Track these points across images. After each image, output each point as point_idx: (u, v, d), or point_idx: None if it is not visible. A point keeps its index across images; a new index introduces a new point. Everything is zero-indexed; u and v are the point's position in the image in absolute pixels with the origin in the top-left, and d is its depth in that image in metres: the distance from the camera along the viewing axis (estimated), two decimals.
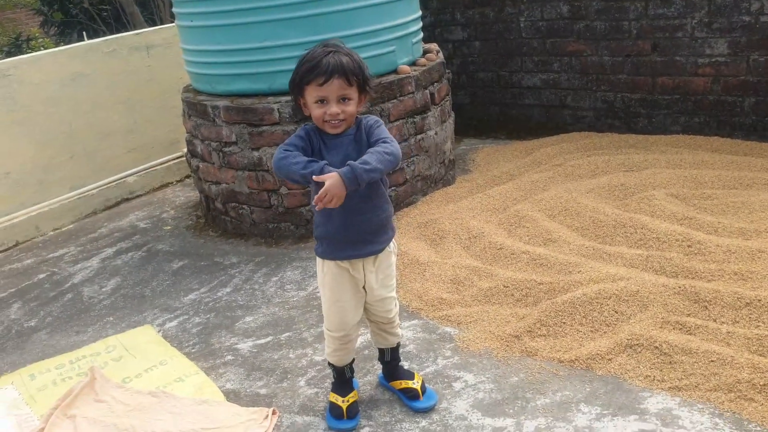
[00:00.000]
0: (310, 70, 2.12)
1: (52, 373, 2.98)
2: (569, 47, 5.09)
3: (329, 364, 2.52)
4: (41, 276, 4.02)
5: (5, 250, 4.48)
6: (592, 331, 2.73)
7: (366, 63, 2.24)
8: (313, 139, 2.25)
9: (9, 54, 11.31)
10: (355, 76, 2.15)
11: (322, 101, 2.15)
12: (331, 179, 2.03)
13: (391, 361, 2.57)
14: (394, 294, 2.43)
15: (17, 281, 3.99)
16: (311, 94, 2.15)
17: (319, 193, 2.05)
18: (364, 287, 2.35)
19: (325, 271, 2.34)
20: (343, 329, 2.38)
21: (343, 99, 2.16)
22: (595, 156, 4.47)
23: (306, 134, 2.25)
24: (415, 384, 2.51)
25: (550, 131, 5.22)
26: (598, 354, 2.59)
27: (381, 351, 2.58)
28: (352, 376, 2.54)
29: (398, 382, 2.55)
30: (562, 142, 4.89)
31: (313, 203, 2.09)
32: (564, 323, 2.78)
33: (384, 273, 2.35)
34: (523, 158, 4.73)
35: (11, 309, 3.66)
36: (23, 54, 5.82)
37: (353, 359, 2.52)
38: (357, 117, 2.29)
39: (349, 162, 2.07)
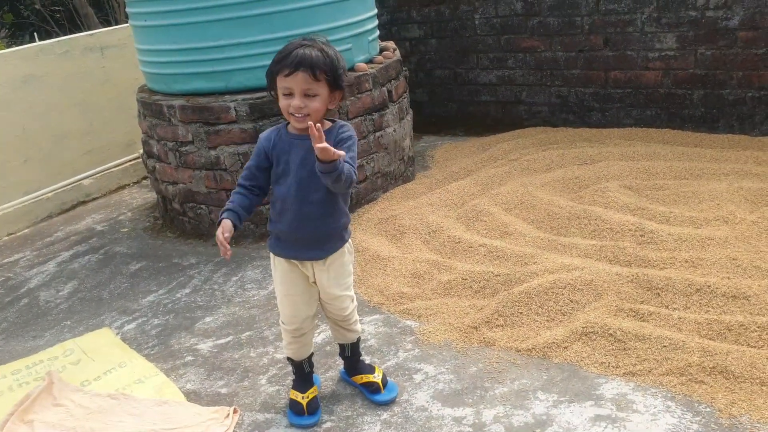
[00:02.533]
0: (279, 60, 2.13)
1: (8, 379, 2.93)
2: (523, 43, 5.16)
3: (288, 358, 2.53)
4: None
5: None
6: (548, 320, 2.79)
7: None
8: (282, 138, 2.26)
9: None
10: (324, 71, 2.12)
11: (288, 94, 2.14)
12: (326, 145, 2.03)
13: (351, 356, 2.59)
14: (348, 293, 2.42)
15: None
16: (279, 84, 2.15)
17: (318, 131, 2.00)
18: (315, 283, 2.38)
19: (275, 265, 2.37)
20: (295, 322, 2.40)
21: (308, 94, 2.13)
22: (550, 150, 4.54)
23: (275, 134, 2.27)
24: (376, 377, 2.53)
25: (507, 127, 5.29)
26: (554, 342, 2.65)
27: (341, 346, 2.59)
28: (312, 371, 2.55)
29: (359, 376, 2.57)
30: (517, 138, 4.96)
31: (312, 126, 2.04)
32: (521, 313, 2.83)
33: (336, 272, 2.35)
34: (480, 154, 4.79)
35: None
36: None
37: (311, 353, 2.53)
38: (334, 120, 2.28)
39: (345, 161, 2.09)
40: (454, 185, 4.18)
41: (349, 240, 2.40)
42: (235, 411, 2.55)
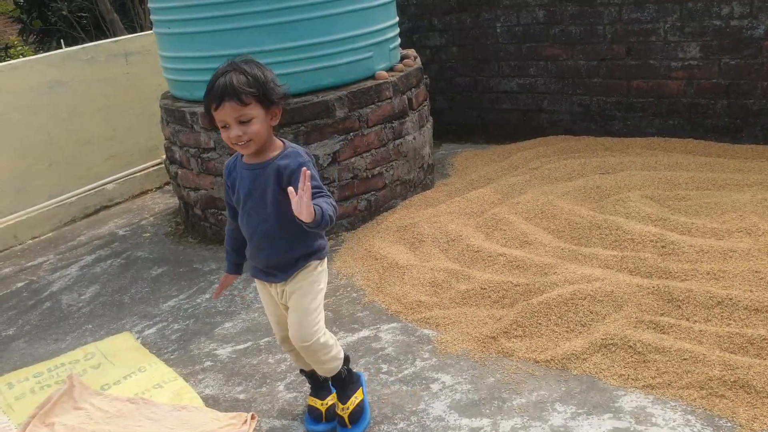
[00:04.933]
0: (206, 93, 2.06)
1: (30, 382, 2.97)
2: (545, 52, 5.15)
3: (299, 369, 2.55)
4: (19, 284, 4.00)
5: None
6: (567, 331, 2.77)
7: (277, 76, 2.11)
8: (237, 166, 2.22)
9: None
10: (250, 93, 2.03)
11: (224, 126, 2.07)
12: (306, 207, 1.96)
13: (335, 388, 2.46)
14: (308, 318, 2.22)
15: None
16: (215, 118, 2.08)
17: (304, 186, 1.95)
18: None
19: (255, 283, 2.43)
20: (278, 338, 2.46)
21: (242, 121, 2.05)
22: (571, 159, 4.52)
23: (232, 162, 2.25)
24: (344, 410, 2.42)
25: (528, 135, 5.27)
26: (573, 354, 2.63)
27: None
28: (327, 379, 2.55)
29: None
30: (539, 146, 4.94)
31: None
32: (540, 324, 2.81)
33: (294, 302, 2.25)
34: (500, 162, 4.78)
35: None
36: (1, 62, 5.79)
37: None
38: (284, 141, 2.21)
39: (319, 206, 2.01)
40: (473, 193, 4.17)
41: (319, 269, 2.27)
42: (252, 417, 2.56)
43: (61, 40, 8.62)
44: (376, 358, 2.83)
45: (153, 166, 5.49)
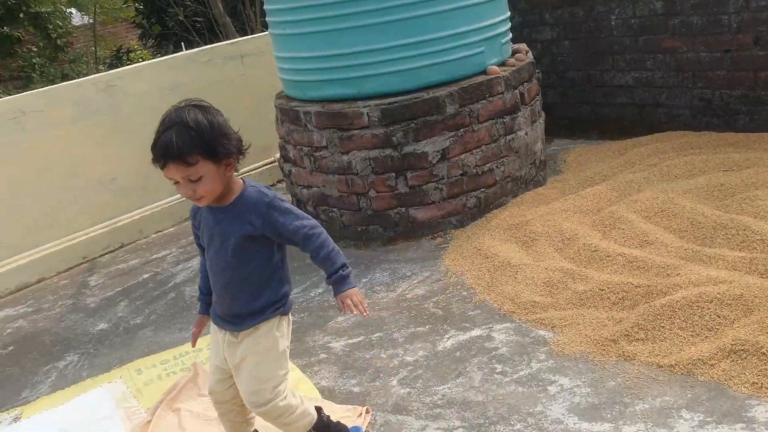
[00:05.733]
0: (152, 147, 1.93)
1: (158, 368, 3.13)
2: (663, 44, 4.93)
3: None
4: (145, 276, 4.22)
5: (112, 251, 4.73)
6: (692, 335, 2.64)
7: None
8: (198, 213, 2.15)
9: (111, 66, 11.92)
10: (195, 153, 1.90)
11: (176, 182, 1.95)
12: (344, 295, 2.09)
13: None
14: (264, 386, 2.10)
15: (123, 281, 4.21)
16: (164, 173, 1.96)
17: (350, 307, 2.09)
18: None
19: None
20: (209, 387, 2.32)
21: (191, 179, 1.93)
22: (692, 155, 4.31)
23: (193, 213, 2.19)
24: None
25: (644, 130, 5.06)
26: (699, 359, 2.51)
27: None
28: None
29: None
30: (656, 142, 4.74)
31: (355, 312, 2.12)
32: (663, 327, 2.70)
33: (248, 358, 2.11)
34: (616, 158, 4.62)
35: (118, 307, 3.87)
36: (123, 65, 6.12)
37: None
38: (244, 184, 2.10)
39: (333, 279, 2.12)
40: (588, 191, 4.05)
41: (281, 328, 2.16)
42: (367, 411, 2.59)
43: (182, 43, 9.04)
44: (490, 358, 2.80)
45: (266, 165, 5.66)
